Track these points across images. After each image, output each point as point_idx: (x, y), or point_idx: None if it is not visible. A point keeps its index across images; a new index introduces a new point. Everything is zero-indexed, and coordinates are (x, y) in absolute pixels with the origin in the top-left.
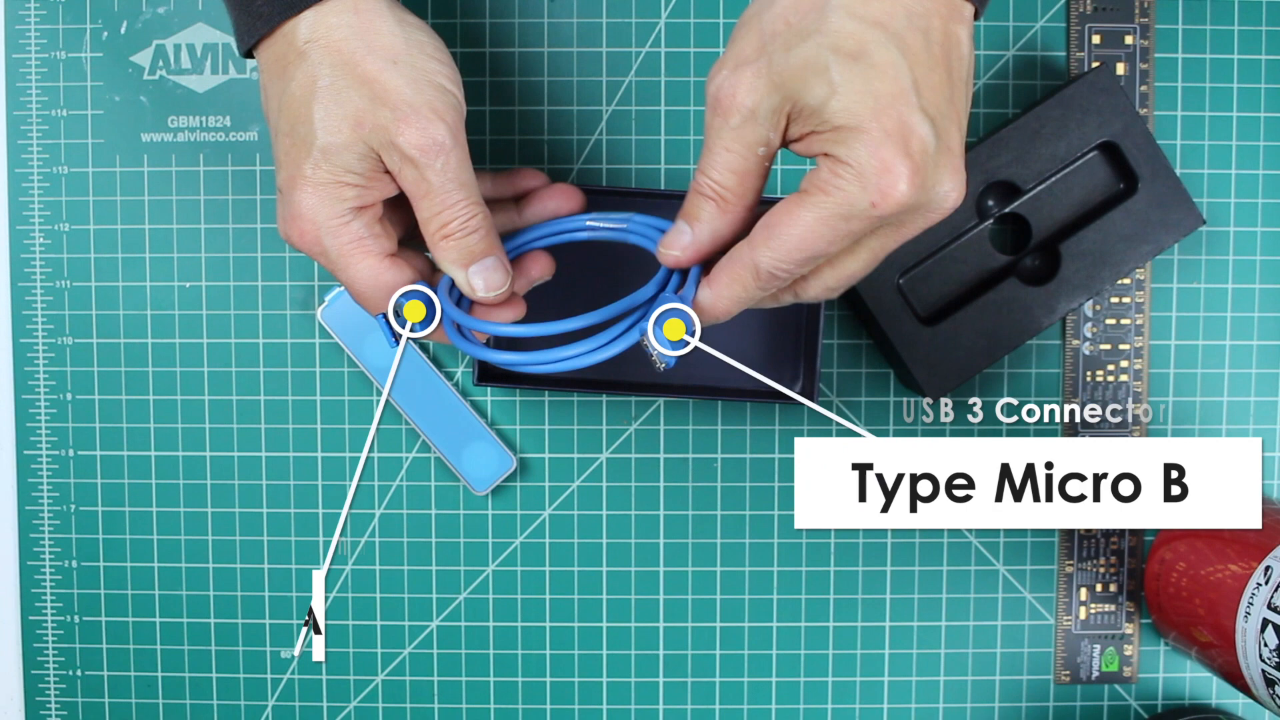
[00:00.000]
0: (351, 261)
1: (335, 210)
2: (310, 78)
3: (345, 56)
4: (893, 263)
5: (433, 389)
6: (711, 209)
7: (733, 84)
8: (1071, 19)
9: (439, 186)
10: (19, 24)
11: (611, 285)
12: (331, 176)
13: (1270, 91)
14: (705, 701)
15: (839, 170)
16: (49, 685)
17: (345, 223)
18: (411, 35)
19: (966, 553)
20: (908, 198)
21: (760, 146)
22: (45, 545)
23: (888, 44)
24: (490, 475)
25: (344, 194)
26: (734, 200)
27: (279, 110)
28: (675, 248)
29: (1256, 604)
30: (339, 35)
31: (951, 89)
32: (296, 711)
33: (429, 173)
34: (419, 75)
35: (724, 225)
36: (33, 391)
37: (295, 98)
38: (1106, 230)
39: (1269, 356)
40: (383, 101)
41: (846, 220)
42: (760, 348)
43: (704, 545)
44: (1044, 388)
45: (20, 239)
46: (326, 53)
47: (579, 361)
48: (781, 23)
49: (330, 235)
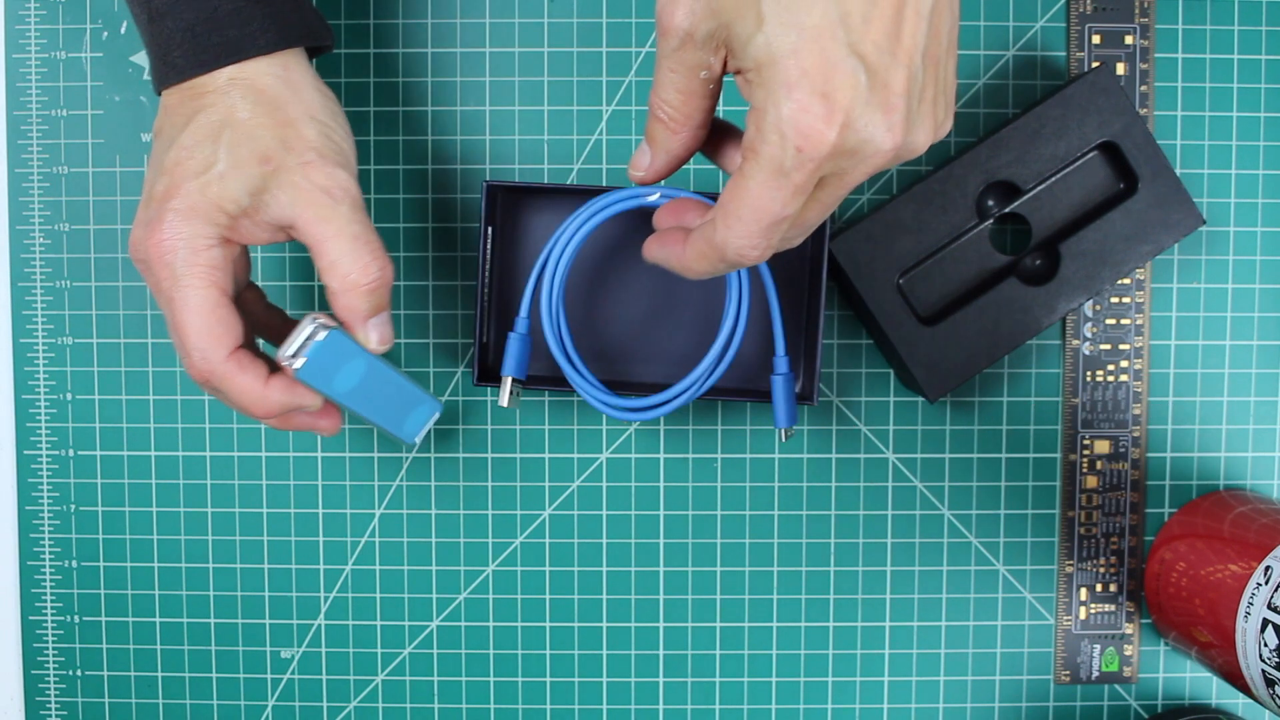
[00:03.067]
0: (194, 286)
1: (203, 231)
2: (230, 108)
3: (269, 99)
4: (893, 263)
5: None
6: (662, 131)
7: (672, 6)
8: (1071, 19)
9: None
10: (19, 24)
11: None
12: (214, 198)
13: (1270, 91)
14: (705, 701)
15: (760, 124)
16: (49, 685)
17: (207, 246)
18: (326, 101)
19: (966, 553)
20: (832, 141)
21: (701, 70)
22: (45, 545)
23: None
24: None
25: (218, 219)
26: (681, 121)
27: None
28: (639, 169)
29: (1256, 604)
30: (265, 82)
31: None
32: (296, 711)
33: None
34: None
35: (676, 145)
36: (33, 391)
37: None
38: (1106, 230)
39: (1269, 356)
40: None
41: (784, 175)
42: (761, 348)
43: (704, 545)
44: (1044, 388)
45: (20, 239)
46: (250, 92)
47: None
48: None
49: (188, 252)
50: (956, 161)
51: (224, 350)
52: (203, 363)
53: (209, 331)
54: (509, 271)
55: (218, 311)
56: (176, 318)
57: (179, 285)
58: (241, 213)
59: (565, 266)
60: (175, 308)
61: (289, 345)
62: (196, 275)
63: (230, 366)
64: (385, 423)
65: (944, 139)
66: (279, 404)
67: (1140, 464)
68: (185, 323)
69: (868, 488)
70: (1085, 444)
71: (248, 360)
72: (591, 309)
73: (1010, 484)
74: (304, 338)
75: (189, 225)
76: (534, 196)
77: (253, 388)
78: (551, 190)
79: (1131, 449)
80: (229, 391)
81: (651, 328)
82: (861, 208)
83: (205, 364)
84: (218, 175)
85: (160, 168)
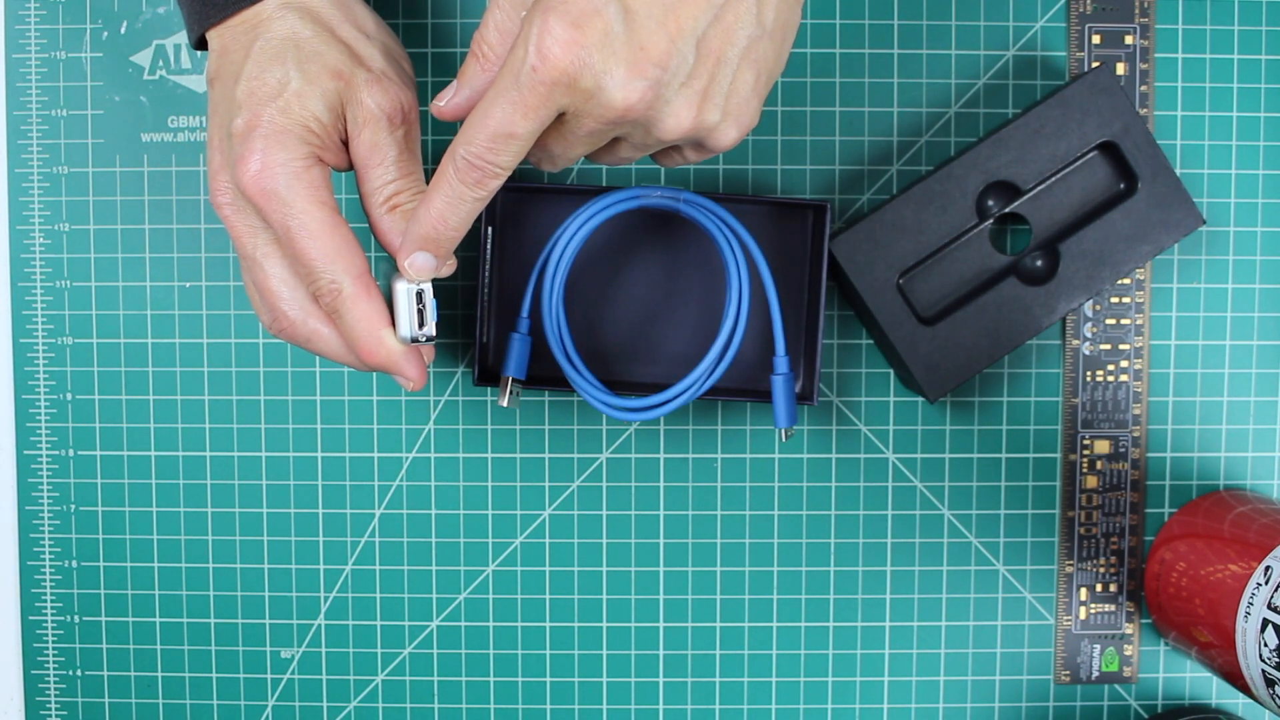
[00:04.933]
0: (309, 208)
1: (299, 153)
2: (291, 30)
3: (324, 19)
4: (893, 263)
5: None
6: (474, 67)
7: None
8: (1071, 19)
9: (397, 154)
10: (19, 24)
11: (671, 257)
12: (299, 121)
13: (1270, 91)
14: (705, 701)
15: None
16: (49, 685)
17: (307, 167)
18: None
19: (966, 553)
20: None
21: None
22: (45, 545)
23: None
24: None
25: (308, 138)
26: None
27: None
28: (441, 99)
29: (1256, 604)
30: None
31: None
32: (296, 711)
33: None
34: (388, 52)
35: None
36: (33, 391)
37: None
38: (1106, 230)
39: (1269, 356)
40: (360, 64)
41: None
42: (761, 348)
43: (704, 545)
44: (1044, 388)
45: (20, 239)
46: (306, 13)
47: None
48: None
49: (291, 177)
50: (956, 161)
51: (352, 270)
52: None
53: (331, 252)
54: (509, 271)
55: (335, 230)
56: (297, 246)
57: (292, 212)
58: (327, 131)
59: (565, 266)
60: (293, 235)
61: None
62: (307, 197)
63: (358, 290)
64: None
65: (944, 141)
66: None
67: (1140, 464)
68: (308, 249)
69: (868, 488)
70: (1085, 444)
71: (374, 287)
72: (591, 309)
73: (1010, 484)
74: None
75: (283, 150)
76: (534, 196)
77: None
78: (551, 190)
79: (1131, 449)
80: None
81: (651, 328)
82: (861, 208)
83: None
84: (295, 94)
85: (232, 104)
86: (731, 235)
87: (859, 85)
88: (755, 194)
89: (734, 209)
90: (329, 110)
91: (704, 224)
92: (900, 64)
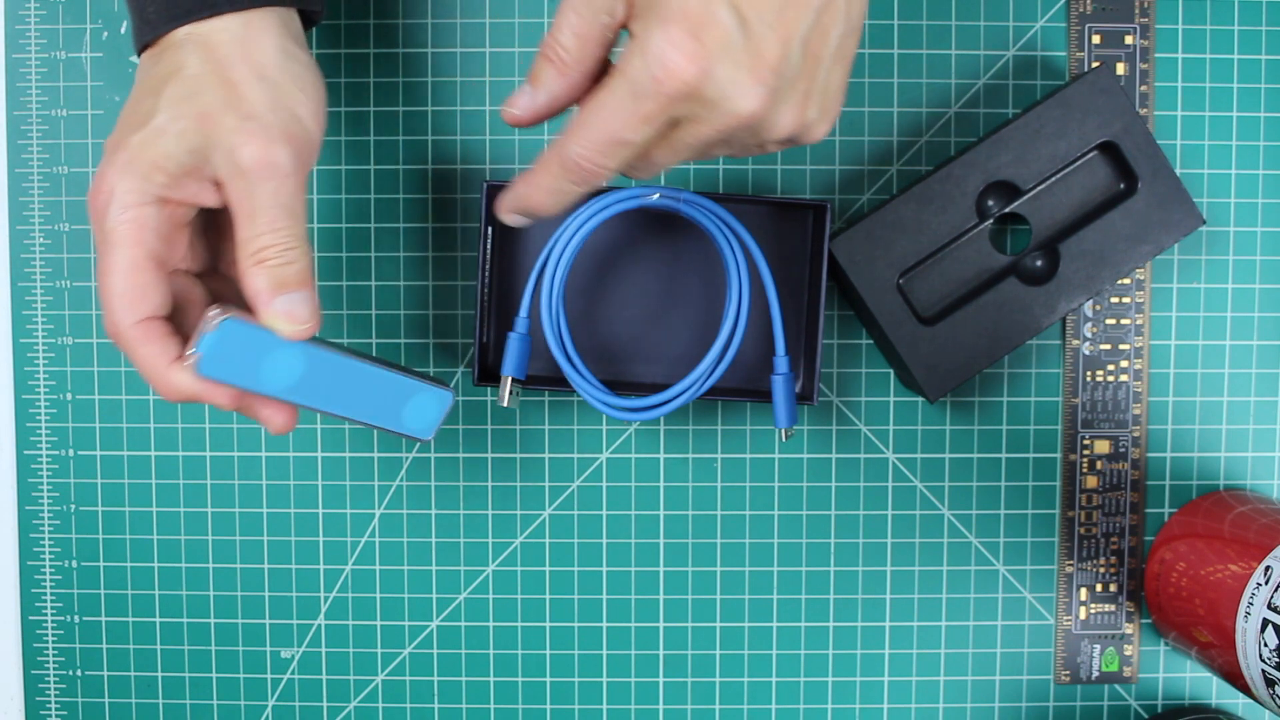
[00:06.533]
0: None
1: (135, 187)
2: (177, 63)
3: (217, 56)
4: (893, 263)
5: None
6: (551, 72)
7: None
8: (1071, 19)
9: (265, 208)
10: (19, 24)
11: (671, 257)
12: (151, 155)
13: (1270, 91)
14: (705, 701)
15: (632, 47)
16: (49, 685)
17: (140, 203)
18: (288, 64)
19: (966, 553)
20: (690, 77)
21: (604, 15)
22: (45, 545)
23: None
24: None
25: (154, 176)
26: (572, 64)
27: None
28: (516, 107)
29: (1256, 604)
30: (219, 38)
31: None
32: (296, 711)
33: (258, 191)
34: (280, 98)
35: (561, 89)
36: (33, 391)
37: (155, 76)
38: (1106, 230)
39: (1269, 356)
40: (235, 108)
41: (637, 98)
42: (760, 348)
43: (704, 545)
44: (1044, 388)
45: (20, 239)
46: (200, 48)
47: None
48: None
49: (118, 208)
50: (956, 161)
51: (132, 316)
52: (109, 323)
53: (120, 292)
54: (509, 271)
55: (134, 274)
56: (98, 271)
57: (104, 240)
58: (183, 171)
59: (565, 266)
60: (99, 262)
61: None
62: (120, 232)
63: (135, 335)
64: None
65: (944, 141)
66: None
67: (1140, 464)
68: (102, 279)
69: (868, 488)
70: (1085, 444)
71: (156, 334)
72: (591, 309)
73: (1010, 484)
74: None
75: (123, 180)
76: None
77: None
78: None
79: (1131, 449)
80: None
81: (651, 328)
82: (861, 208)
83: (110, 325)
84: (156, 130)
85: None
86: (731, 235)
87: (859, 85)
88: (755, 194)
89: (734, 209)
90: (188, 152)
91: (704, 224)
92: (900, 64)
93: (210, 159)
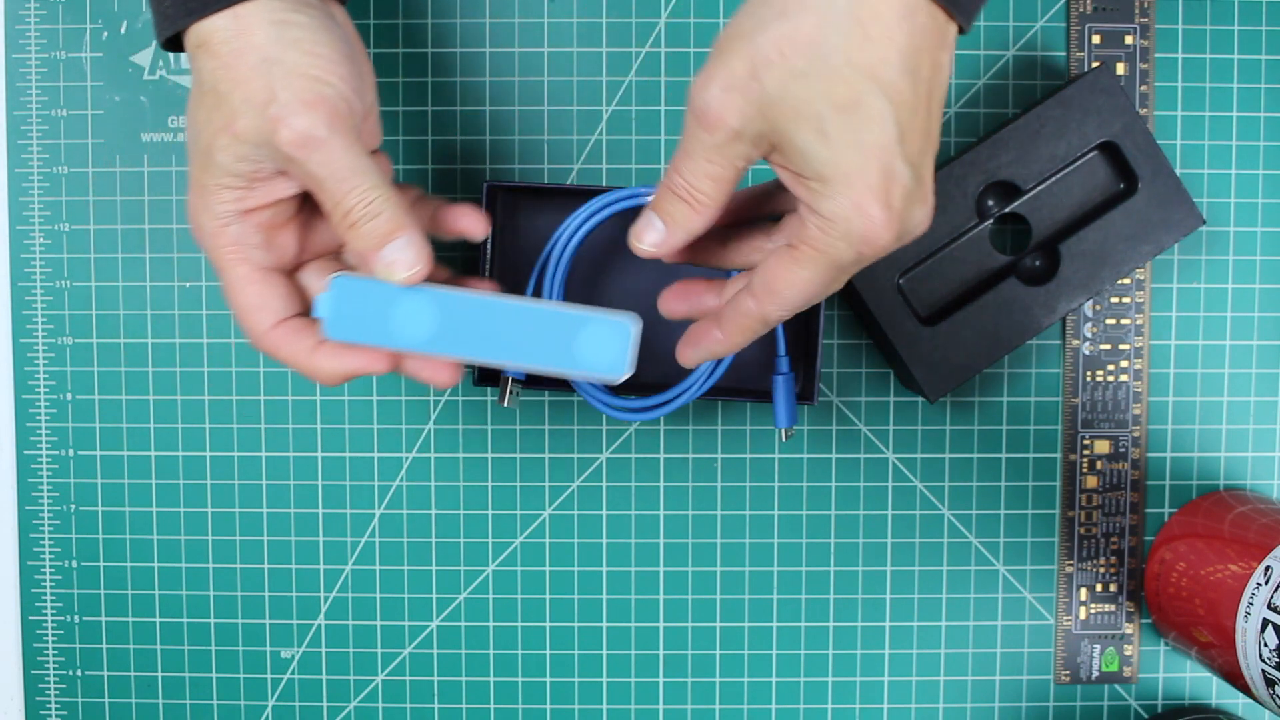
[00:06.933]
0: (224, 268)
1: (214, 213)
2: (197, 84)
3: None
4: (893, 263)
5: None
6: (685, 210)
7: (722, 104)
8: (1071, 19)
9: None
10: (19, 24)
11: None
12: (211, 179)
13: (1270, 91)
14: (705, 701)
15: (825, 228)
16: (49, 685)
17: (223, 226)
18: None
19: (966, 553)
20: (890, 244)
21: (741, 161)
22: (45, 545)
23: (879, 94)
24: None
25: (222, 196)
26: (709, 204)
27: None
28: (646, 242)
29: (1256, 604)
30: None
31: (929, 124)
32: (296, 711)
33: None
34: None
35: (698, 226)
36: (33, 391)
37: (189, 103)
38: (1106, 230)
39: (1269, 356)
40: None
41: (842, 271)
42: (760, 348)
43: (704, 545)
44: (1044, 388)
45: (20, 239)
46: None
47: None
48: (776, 52)
49: (209, 238)
50: (956, 161)
51: (261, 325)
52: (249, 338)
53: (243, 308)
54: (509, 271)
55: (248, 288)
56: (224, 295)
57: (216, 266)
58: (244, 183)
59: (565, 266)
60: (221, 285)
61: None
62: (224, 256)
63: (271, 341)
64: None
65: (944, 141)
66: (332, 372)
67: (1140, 464)
68: (229, 300)
69: (868, 488)
70: (1085, 444)
71: (292, 332)
72: None
73: (1010, 484)
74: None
75: (204, 210)
76: (534, 196)
77: (300, 360)
78: (551, 190)
79: (1131, 449)
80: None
81: (652, 328)
82: None
83: (251, 339)
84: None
85: None
86: None
87: None
88: None
89: None
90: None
91: None
92: None
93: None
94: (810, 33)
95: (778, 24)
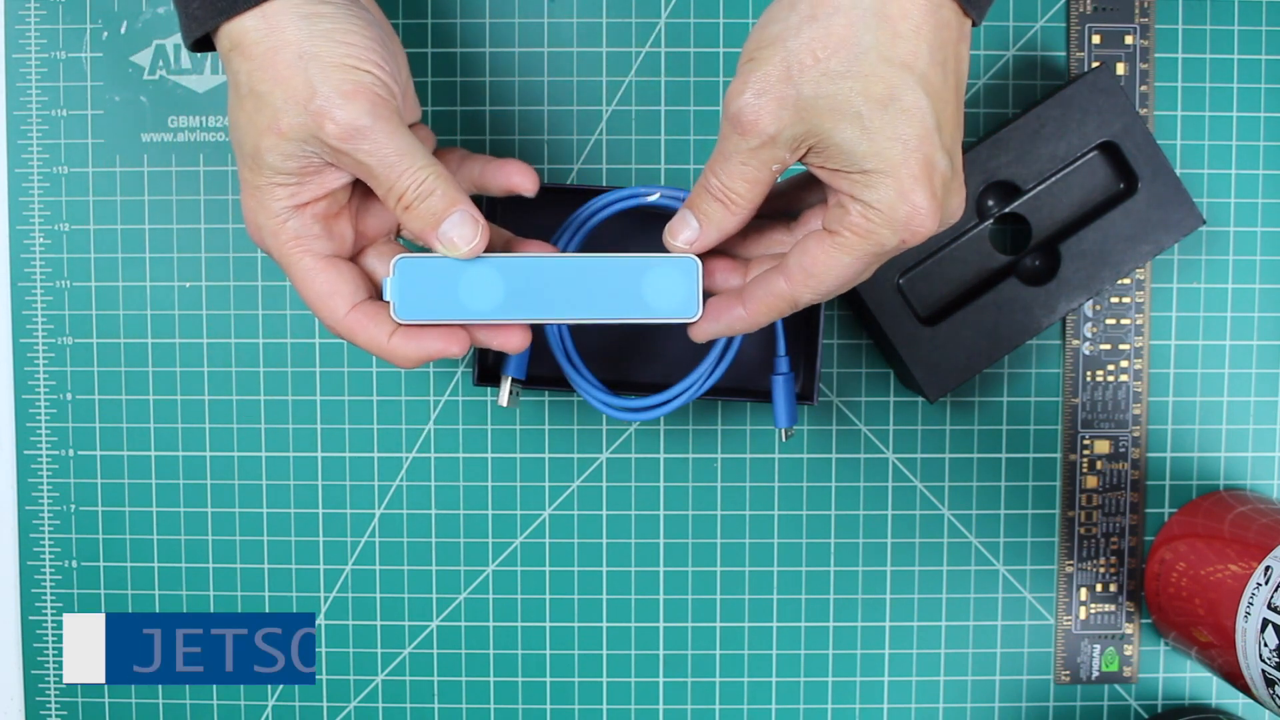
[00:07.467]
0: (290, 262)
1: (270, 211)
2: (234, 86)
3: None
4: (893, 263)
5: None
6: (721, 211)
7: (756, 109)
8: (1071, 19)
9: (378, 164)
10: (19, 24)
11: None
12: (263, 179)
13: (1270, 91)
14: (705, 701)
15: (870, 215)
16: (49, 685)
17: (282, 222)
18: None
19: (966, 553)
20: (933, 230)
21: (776, 164)
22: (45, 545)
23: (915, 87)
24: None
25: (276, 194)
26: (744, 205)
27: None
28: (681, 239)
29: (1256, 604)
30: (250, 40)
31: (958, 112)
32: (296, 711)
33: (360, 156)
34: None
35: (731, 225)
36: (33, 391)
37: (229, 105)
38: (1106, 230)
39: (1269, 356)
40: (295, 100)
41: (878, 258)
42: (760, 348)
43: (704, 545)
44: (1044, 388)
45: (20, 239)
46: (243, 60)
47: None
48: (810, 55)
49: (269, 236)
50: None
51: (335, 314)
52: (327, 325)
53: (314, 299)
54: None
55: (315, 279)
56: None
57: (281, 262)
58: (296, 180)
59: None
60: (291, 280)
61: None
62: (287, 251)
63: (346, 327)
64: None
65: None
66: (410, 355)
67: (1140, 464)
68: (302, 294)
69: (868, 488)
70: (1085, 444)
71: (366, 317)
72: None
73: (1010, 484)
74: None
75: (260, 209)
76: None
77: (376, 344)
78: (551, 190)
79: (1131, 449)
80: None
81: (651, 328)
82: None
83: (329, 326)
84: (252, 154)
85: None
86: None
87: None
88: None
89: None
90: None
91: None
92: None
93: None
94: (842, 33)
95: (808, 28)
